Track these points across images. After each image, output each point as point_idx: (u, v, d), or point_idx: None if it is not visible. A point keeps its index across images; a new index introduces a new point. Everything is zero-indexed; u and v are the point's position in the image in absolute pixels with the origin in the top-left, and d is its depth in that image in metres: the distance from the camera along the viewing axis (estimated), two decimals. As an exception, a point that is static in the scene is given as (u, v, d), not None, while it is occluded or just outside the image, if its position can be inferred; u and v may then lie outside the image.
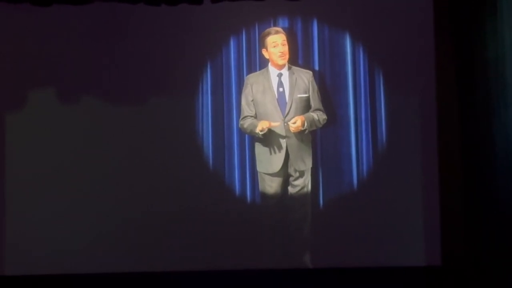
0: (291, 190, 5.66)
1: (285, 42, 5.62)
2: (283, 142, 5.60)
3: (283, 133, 5.60)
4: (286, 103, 5.63)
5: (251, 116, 5.65)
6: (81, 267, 5.64)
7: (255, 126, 5.59)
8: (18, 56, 5.72)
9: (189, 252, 5.66)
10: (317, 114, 5.64)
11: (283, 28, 5.67)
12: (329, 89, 5.75)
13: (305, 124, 5.57)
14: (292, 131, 5.57)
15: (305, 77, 5.66)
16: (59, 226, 5.66)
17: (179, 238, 5.67)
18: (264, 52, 5.67)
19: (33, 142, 5.71)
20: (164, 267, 5.65)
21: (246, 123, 5.65)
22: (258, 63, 5.76)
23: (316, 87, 5.67)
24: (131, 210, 5.68)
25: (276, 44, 5.62)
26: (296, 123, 5.55)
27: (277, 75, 5.66)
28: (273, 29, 5.66)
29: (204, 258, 5.65)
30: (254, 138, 5.68)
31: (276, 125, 5.57)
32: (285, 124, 5.60)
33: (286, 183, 5.66)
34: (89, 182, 5.69)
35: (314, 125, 5.63)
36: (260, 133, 5.56)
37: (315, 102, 5.65)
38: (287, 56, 5.64)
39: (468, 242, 5.49)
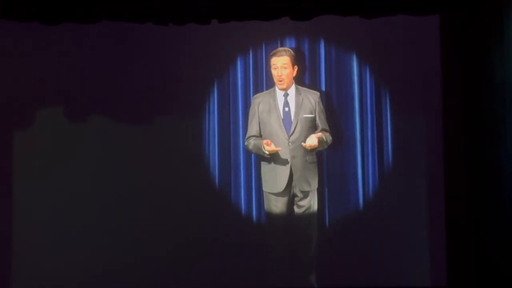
0: (296, 210, 5.65)
1: (287, 65, 5.60)
2: (287, 162, 5.58)
3: (287, 153, 5.58)
4: (291, 123, 5.63)
5: (255, 136, 5.65)
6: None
7: (259, 148, 5.58)
8: (26, 74, 5.73)
9: (195, 271, 5.66)
10: (325, 135, 5.63)
11: (292, 49, 5.67)
12: (335, 109, 5.76)
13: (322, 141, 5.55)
14: (308, 148, 5.51)
15: (312, 98, 5.65)
16: (65, 246, 5.67)
17: (184, 258, 5.67)
18: (271, 70, 5.69)
19: (41, 161, 5.71)
20: (168, 287, 5.65)
21: (251, 144, 5.65)
22: (264, 82, 5.77)
23: (323, 108, 5.66)
24: (136, 228, 5.68)
25: (275, 66, 5.62)
26: (312, 139, 5.50)
27: (283, 95, 5.65)
28: (279, 50, 5.65)
29: (209, 278, 5.64)
30: (259, 158, 5.68)
31: (278, 149, 5.54)
32: (289, 144, 5.59)
33: (291, 203, 5.65)
34: (95, 201, 5.69)
35: (322, 145, 5.63)
36: (266, 153, 5.57)
37: (322, 123, 5.65)
38: (286, 80, 5.61)
39: (473, 263, 5.49)
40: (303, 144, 5.54)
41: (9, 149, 5.73)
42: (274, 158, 5.60)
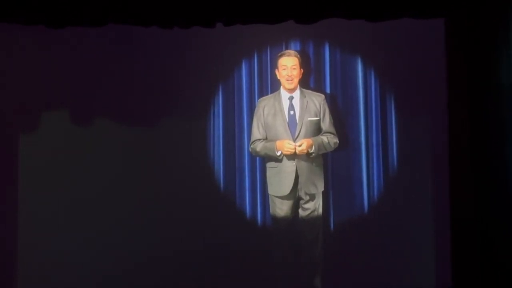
0: (302, 213, 5.64)
1: (296, 67, 5.59)
2: (292, 165, 5.54)
3: (293, 156, 5.54)
4: (296, 126, 5.60)
5: (261, 139, 5.64)
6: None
7: (271, 149, 5.55)
8: (32, 77, 5.74)
9: (199, 274, 5.67)
10: (327, 137, 5.60)
11: (297, 52, 5.67)
12: (340, 113, 5.76)
13: (313, 147, 5.54)
14: (297, 153, 5.52)
15: (317, 100, 5.64)
16: (71, 249, 5.67)
17: (188, 261, 5.67)
18: (276, 72, 5.67)
19: (47, 164, 5.71)
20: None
21: (258, 147, 5.63)
22: (269, 86, 5.78)
23: (327, 110, 5.64)
24: (140, 231, 5.68)
25: (285, 67, 5.61)
26: (302, 145, 5.51)
27: (288, 98, 5.64)
28: (288, 51, 5.66)
29: (214, 281, 5.65)
30: (264, 161, 5.68)
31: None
32: (294, 147, 5.60)
33: (296, 206, 5.63)
34: (100, 203, 5.70)
35: (323, 148, 5.59)
36: (278, 154, 5.55)
37: (325, 125, 5.63)
38: (295, 81, 5.60)
39: (479, 265, 5.48)
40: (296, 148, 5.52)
41: (15, 151, 5.73)
42: (279, 161, 5.58)
